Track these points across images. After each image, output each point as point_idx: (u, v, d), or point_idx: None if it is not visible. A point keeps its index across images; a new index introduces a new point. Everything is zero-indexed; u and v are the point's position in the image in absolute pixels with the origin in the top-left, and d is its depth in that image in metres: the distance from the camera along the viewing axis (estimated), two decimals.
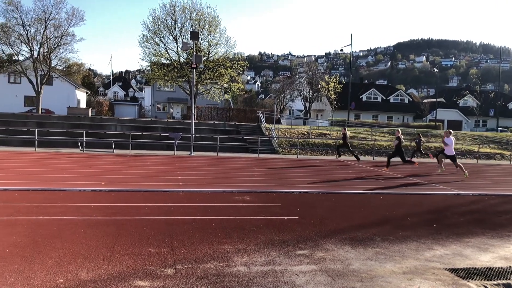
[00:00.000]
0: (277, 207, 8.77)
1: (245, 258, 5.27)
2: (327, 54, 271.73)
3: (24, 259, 4.85)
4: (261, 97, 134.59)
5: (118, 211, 7.72)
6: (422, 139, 23.48)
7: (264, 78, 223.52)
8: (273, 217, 7.73)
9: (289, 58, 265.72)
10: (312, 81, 57.93)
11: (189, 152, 22.45)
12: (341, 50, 54.25)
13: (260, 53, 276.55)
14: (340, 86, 52.74)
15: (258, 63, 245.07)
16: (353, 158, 21.86)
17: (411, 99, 67.98)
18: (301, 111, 68.33)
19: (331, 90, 51.99)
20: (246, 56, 65.01)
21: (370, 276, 4.83)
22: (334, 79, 54.37)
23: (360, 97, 61.20)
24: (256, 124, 34.40)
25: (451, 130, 15.94)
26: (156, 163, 17.02)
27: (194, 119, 24.69)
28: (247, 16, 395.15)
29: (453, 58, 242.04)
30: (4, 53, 35.53)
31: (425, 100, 74.38)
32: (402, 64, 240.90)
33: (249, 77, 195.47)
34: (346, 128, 22.03)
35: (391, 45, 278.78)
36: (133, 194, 9.59)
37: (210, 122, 34.50)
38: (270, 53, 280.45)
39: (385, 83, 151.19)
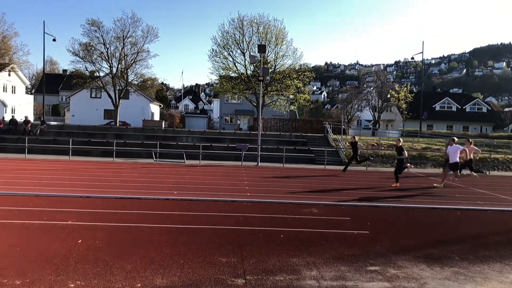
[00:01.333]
0: (346, 220, 8.58)
1: (314, 272, 5.20)
2: (397, 63, 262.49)
3: (105, 263, 5.17)
4: (327, 107, 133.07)
5: (189, 220, 7.98)
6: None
7: (331, 88, 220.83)
8: (342, 231, 7.56)
9: (356, 68, 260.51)
10: (381, 91, 56.30)
11: (256, 163, 22.72)
12: (412, 58, 52.05)
13: (326, 63, 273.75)
14: (411, 95, 50.71)
15: (324, 73, 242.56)
16: (423, 170, 20.79)
17: (489, 108, 63.50)
18: (369, 121, 66.53)
19: (402, 100, 50.14)
20: (312, 67, 64.71)
21: None
22: (405, 88, 52.39)
23: (433, 106, 58.32)
24: (322, 135, 34.04)
25: (455, 138, 15.10)
26: (224, 173, 17.40)
27: (261, 131, 25.00)
28: (314, 26, 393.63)
29: None
30: (87, 70, 38.48)
31: (506, 109, 69.15)
32: (479, 71, 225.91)
33: (315, 88, 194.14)
34: (356, 137, 20.96)
35: (466, 51, 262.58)
36: (203, 203, 9.88)
37: (276, 133, 34.70)
38: (336, 63, 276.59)
39: (460, 91, 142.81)
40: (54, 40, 41.36)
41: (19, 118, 36.42)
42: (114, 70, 38.14)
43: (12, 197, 9.78)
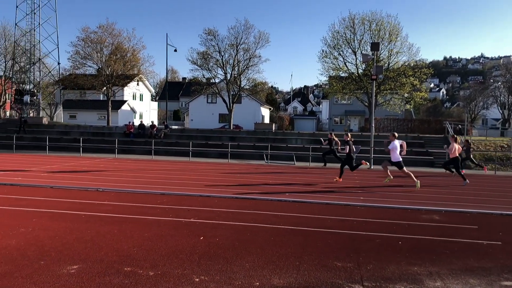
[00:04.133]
0: (473, 229, 7.83)
1: (438, 282, 4.85)
2: None
3: (226, 260, 5.45)
4: (446, 105, 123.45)
5: (303, 222, 8.02)
6: (472, 147, 19.53)
7: (450, 84, 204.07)
8: (468, 241, 6.92)
9: (480, 61, 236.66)
10: None
11: (368, 166, 21.97)
12: None
13: (445, 58, 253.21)
14: None
15: (443, 69, 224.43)
16: None
17: None
18: (497, 120, 59.99)
19: None
20: (430, 62, 60.52)
21: None
22: None
23: None
24: (442, 135, 31.62)
25: (395, 133, 14.58)
26: (335, 176, 17.15)
27: (373, 132, 24.10)
28: (430, 18, 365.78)
29: None
30: (204, 77, 41.09)
31: None
32: None
33: (432, 85, 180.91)
34: (333, 133, 20.29)
35: None
36: (315, 206, 9.85)
37: (389, 134, 33.14)
38: (457, 57, 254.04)
39: None
40: (175, 50, 45.06)
41: (146, 123, 40.30)
42: (228, 76, 40.08)
43: (143, 195, 10.84)
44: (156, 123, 36.93)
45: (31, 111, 42.07)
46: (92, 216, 7.99)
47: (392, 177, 14.58)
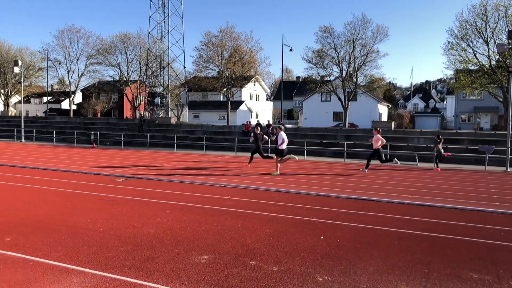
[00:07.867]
0: None
1: None
2: None
3: (348, 262, 5.35)
4: None
5: (429, 227, 7.50)
6: (439, 141, 19.21)
7: None
8: None
9: None
10: None
11: (504, 168, 19.73)
12: None
13: None
14: None
15: None
16: None
17: None
18: None
19: None
20: None
21: None
22: None
23: None
24: None
25: (281, 126, 16.54)
26: (464, 178, 15.75)
27: (510, 130, 21.50)
28: None
29: None
30: (319, 75, 40.93)
31: None
32: None
33: None
34: (258, 125, 18.39)
35: None
36: (443, 211, 9.15)
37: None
38: None
39: None
40: (290, 50, 45.84)
41: (262, 122, 41.60)
42: (344, 73, 39.34)
43: (261, 192, 11.17)
44: (271, 122, 37.85)
45: (161, 112, 46.31)
46: (217, 210, 8.49)
47: (279, 173, 15.17)
